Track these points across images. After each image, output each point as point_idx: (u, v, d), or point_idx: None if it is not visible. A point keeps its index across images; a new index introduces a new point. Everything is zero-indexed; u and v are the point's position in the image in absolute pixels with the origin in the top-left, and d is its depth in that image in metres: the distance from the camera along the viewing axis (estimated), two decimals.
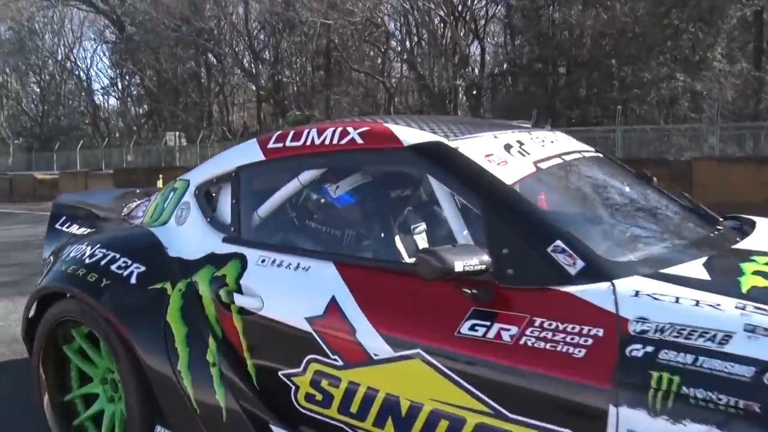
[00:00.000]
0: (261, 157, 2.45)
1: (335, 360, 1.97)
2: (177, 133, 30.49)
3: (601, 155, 2.62)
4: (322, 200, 2.42)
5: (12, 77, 38.19)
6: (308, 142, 2.31)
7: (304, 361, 2.04)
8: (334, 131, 2.26)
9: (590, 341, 1.59)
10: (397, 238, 2.72)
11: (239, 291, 2.24)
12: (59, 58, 38.17)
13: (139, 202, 3.32)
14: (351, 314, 1.94)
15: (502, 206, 1.88)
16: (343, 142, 2.22)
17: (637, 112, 20.57)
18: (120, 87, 37.81)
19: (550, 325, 1.66)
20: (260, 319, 2.16)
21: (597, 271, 1.71)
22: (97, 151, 30.93)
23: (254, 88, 31.67)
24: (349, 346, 1.93)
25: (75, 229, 3.13)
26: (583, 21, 20.40)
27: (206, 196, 2.63)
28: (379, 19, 24.91)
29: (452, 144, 2.08)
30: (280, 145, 2.40)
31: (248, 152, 2.53)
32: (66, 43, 38.28)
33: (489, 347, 1.70)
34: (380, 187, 2.60)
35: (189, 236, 2.56)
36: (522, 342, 1.66)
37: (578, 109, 21.83)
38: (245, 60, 31.78)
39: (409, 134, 2.12)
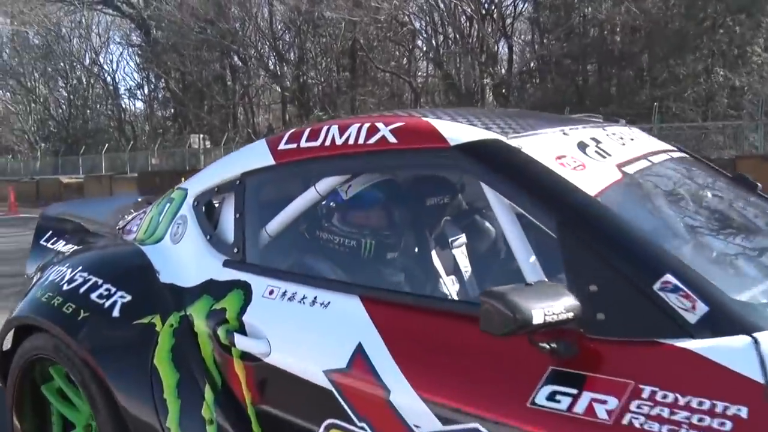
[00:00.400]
0: (270, 161, 1.99)
1: (362, 428, 1.50)
2: (201, 136, 30.38)
3: (688, 155, 2.11)
4: (334, 205, 1.97)
5: (39, 82, 38.48)
6: (327, 142, 1.85)
7: (323, 426, 1.57)
8: (360, 128, 1.80)
9: (729, 425, 1.10)
10: (433, 253, 2.26)
11: (242, 330, 1.78)
12: (86, 62, 38.39)
13: (135, 213, 2.89)
14: (383, 369, 1.47)
15: (587, 226, 1.39)
16: (371, 141, 1.75)
17: (673, 110, 19.76)
18: (146, 90, 37.93)
19: (665, 397, 1.17)
20: (267, 368, 1.71)
21: (728, 318, 1.22)
22: (122, 154, 30.94)
23: (279, 89, 31.41)
24: (381, 412, 1.47)
25: (61, 246, 2.71)
26: (613, 16, 19.69)
27: (207, 209, 2.19)
28: (405, 17, 24.44)
29: (512, 143, 1.60)
30: (293, 146, 1.94)
31: (255, 155, 2.07)
32: (93, 47, 38.49)
33: (577, 426, 1.21)
34: (404, 187, 2.14)
35: (185, 258, 2.12)
36: (626, 422, 1.18)
37: (609, 107, 21.10)
38: (270, 61, 31.56)
39: (457, 131, 1.65)
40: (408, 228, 2.14)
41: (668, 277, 1.26)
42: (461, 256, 2.47)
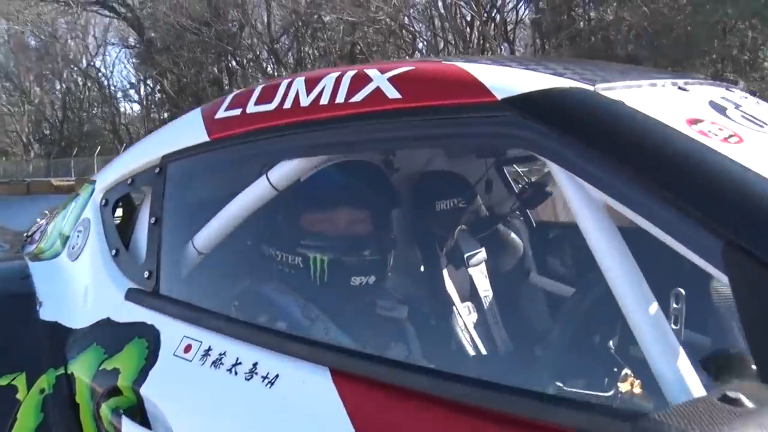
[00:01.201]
0: (203, 136, 1.28)
1: None
2: None
3: None
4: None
5: (35, 84, 37.79)
6: (288, 104, 1.14)
7: None
8: (339, 80, 1.09)
9: None
10: (444, 273, 1.60)
11: (135, 409, 1.07)
12: (83, 65, 37.74)
13: (49, 215, 2.17)
14: None
15: None
16: (358, 97, 1.04)
17: None
18: (142, 92, 37.32)
19: None
20: None
21: None
22: (115, 156, 30.36)
23: None
24: None
25: None
26: (619, 21, 19.07)
27: (116, 211, 1.48)
28: (406, 19, 23.84)
29: (608, 94, 0.89)
30: (237, 112, 1.23)
31: (184, 129, 1.37)
32: (88, 49, 37.80)
33: None
34: (403, 184, 1.45)
35: (80, 283, 1.41)
36: None
37: None
38: (268, 65, 30.95)
39: (506, 78, 0.94)
40: (405, 239, 1.47)
41: None
42: (480, 276, 1.79)
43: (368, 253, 1.25)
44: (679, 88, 1.04)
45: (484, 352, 1.59)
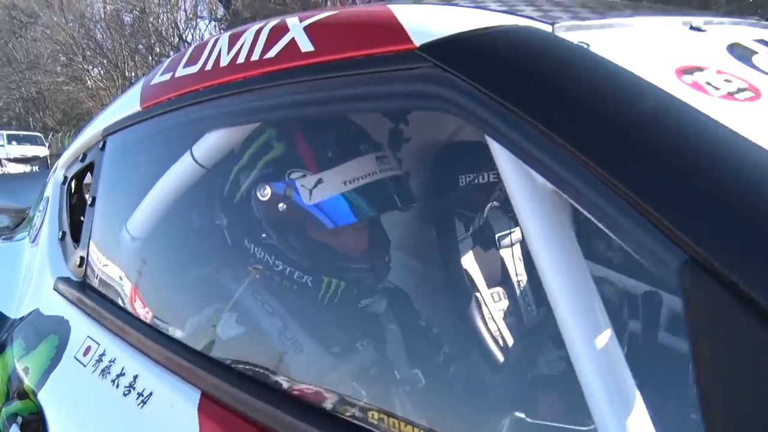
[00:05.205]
0: (136, 105, 1.12)
1: None
2: None
3: None
4: (284, 207, 1.00)
5: (128, 59, 39.47)
6: (209, 65, 0.95)
7: None
8: (258, 33, 0.89)
9: None
10: (469, 255, 1.40)
11: (28, 417, 0.94)
12: (174, 39, 39.00)
13: None
14: None
15: None
16: (272, 53, 0.83)
17: None
18: None
19: None
20: None
21: None
22: None
23: None
24: None
25: None
26: None
27: (78, 190, 1.36)
28: None
29: (568, 36, 0.64)
30: (166, 77, 1.06)
31: (125, 99, 1.21)
32: (179, 23, 38.99)
33: None
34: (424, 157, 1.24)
35: (30, 269, 1.30)
36: None
37: None
38: None
39: (435, 19, 0.70)
40: (422, 220, 1.26)
41: None
42: (513, 259, 1.55)
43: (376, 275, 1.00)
44: (692, 28, 0.76)
45: (510, 342, 1.36)
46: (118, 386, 0.82)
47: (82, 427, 0.86)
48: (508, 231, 1.45)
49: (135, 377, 0.80)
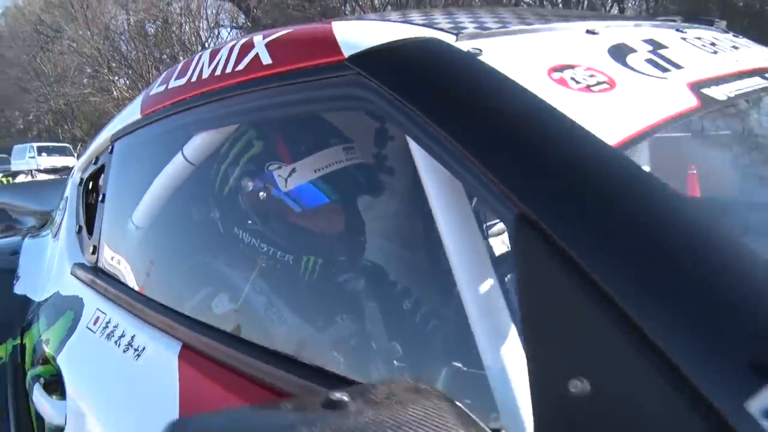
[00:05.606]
0: (137, 113, 1.30)
1: None
2: None
3: None
4: (264, 196, 1.16)
5: (152, 68, 40.18)
6: (195, 77, 1.12)
7: None
8: (232, 48, 1.05)
9: None
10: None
11: (49, 378, 1.12)
12: (197, 48, 39.57)
13: None
14: None
15: (583, 221, 0.56)
16: (241, 66, 1.00)
17: None
18: None
19: None
20: None
21: None
22: None
23: None
24: None
25: None
26: None
27: (88, 189, 1.54)
28: None
29: (465, 45, 0.79)
30: (162, 89, 1.23)
31: (131, 107, 1.39)
32: (201, 32, 39.58)
33: None
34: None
35: (51, 259, 1.48)
36: None
37: None
38: None
39: (362, 33, 0.85)
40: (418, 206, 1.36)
41: None
42: (502, 247, 1.68)
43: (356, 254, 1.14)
44: (587, 31, 0.91)
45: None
46: (119, 345, 0.99)
47: (91, 381, 1.03)
48: (496, 221, 1.59)
49: (132, 337, 0.97)
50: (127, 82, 38.45)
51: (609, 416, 0.49)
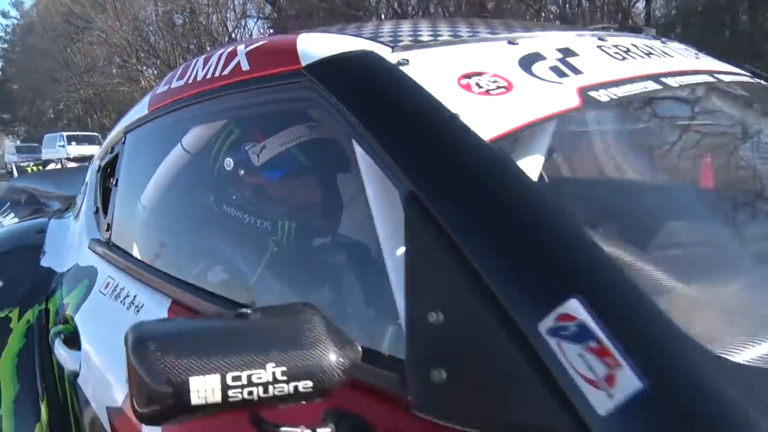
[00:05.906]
0: (145, 109, 1.50)
1: None
2: None
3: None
4: (243, 172, 1.35)
5: (179, 58, 40.71)
6: (191, 79, 1.32)
7: None
8: (221, 55, 1.25)
9: None
10: None
11: (68, 334, 1.33)
12: (225, 39, 39.99)
13: None
14: None
15: (446, 194, 0.74)
16: (226, 71, 1.19)
17: None
18: None
19: None
20: (79, 392, 1.24)
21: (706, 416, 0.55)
22: None
23: None
24: None
25: (9, 218, 2.41)
26: None
27: (105, 175, 1.75)
28: None
29: (396, 56, 0.97)
30: (165, 88, 1.44)
31: (141, 103, 1.60)
32: (227, 22, 39.97)
33: None
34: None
35: (73, 236, 1.70)
36: None
37: (763, 61, 18.28)
38: None
39: (318, 44, 1.04)
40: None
41: (572, 306, 0.61)
42: None
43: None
44: (510, 42, 1.08)
45: None
46: (123, 303, 1.19)
47: (101, 333, 1.24)
48: None
49: (134, 296, 1.18)
50: (155, 72, 38.96)
51: (457, 339, 0.68)
